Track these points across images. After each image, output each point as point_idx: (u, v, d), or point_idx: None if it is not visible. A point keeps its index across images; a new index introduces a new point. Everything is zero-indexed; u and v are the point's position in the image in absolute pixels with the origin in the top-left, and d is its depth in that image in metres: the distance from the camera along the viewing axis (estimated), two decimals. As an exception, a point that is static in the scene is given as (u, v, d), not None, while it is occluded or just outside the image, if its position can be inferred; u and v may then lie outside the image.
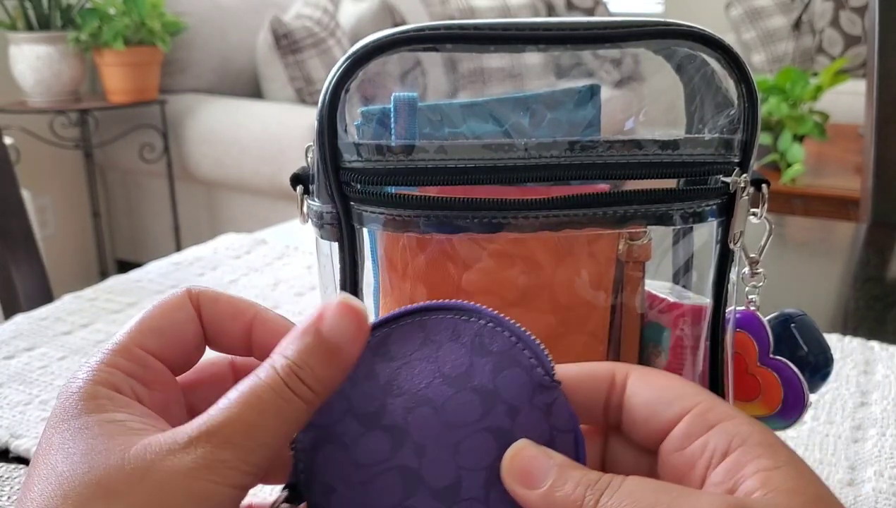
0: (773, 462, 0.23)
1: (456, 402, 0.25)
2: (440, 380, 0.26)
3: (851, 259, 0.93)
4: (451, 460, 0.25)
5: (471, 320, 0.26)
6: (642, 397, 0.26)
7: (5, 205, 0.89)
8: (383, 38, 0.32)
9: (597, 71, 2.94)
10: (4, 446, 0.50)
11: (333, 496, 0.25)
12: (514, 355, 0.26)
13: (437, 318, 0.27)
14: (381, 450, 0.25)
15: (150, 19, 2.11)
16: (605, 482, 0.24)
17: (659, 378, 0.26)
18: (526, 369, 0.26)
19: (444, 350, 0.26)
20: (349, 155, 0.32)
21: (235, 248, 0.85)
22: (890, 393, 0.57)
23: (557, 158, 0.32)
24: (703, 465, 0.24)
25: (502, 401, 0.25)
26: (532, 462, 0.25)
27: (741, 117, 0.34)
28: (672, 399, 0.25)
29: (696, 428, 0.25)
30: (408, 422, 0.25)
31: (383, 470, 0.25)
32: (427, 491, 0.25)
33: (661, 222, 0.33)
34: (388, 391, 0.26)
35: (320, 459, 0.26)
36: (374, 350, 0.27)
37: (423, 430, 0.25)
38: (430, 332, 0.27)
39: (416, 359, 0.26)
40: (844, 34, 3.46)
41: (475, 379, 0.26)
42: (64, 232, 2.44)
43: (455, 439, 0.25)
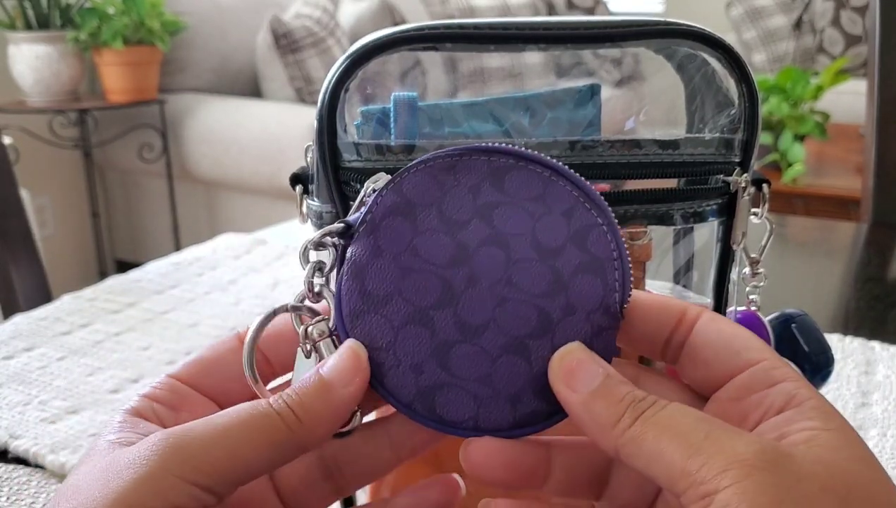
0: (823, 425, 0.23)
1: (529, 268, 0.26)
2: (529, 240, 0.26)
3: (852, 259, 0.93)
4: (490, 308, 0.25)
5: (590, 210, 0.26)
6: (709, 339, 0.25)
7: (4, 204, 0.89)
8: (383, 37, 0.31)
9: (597, 70, 2.94)
10: (3, 446, 0.50)
11: (377, 260, 0.26)
12: (604, 268, 0.26)
13: (559, 186, 0.26)
14: (441, 254, 0.26)
15: (150, 19, 2.11)
16: (648, 402, 0.23)
17: (729, 325, 0.26)
18: (606, 286, 0.26)
19: (550, 219, 0.26)
20: (349, 154, 0.32)
21: (235, 248, 0.85)
22: (891, 393, 0.57)
23: (558, 158, 0.32)
24: (757, 418, 0.24)
25: (566, 297, 0.26)
26: (582, 364, 0.25)
27: (742, 117, 0.34)
28: (739, 349, 0.25)
29: (758, 383, 0.24)
30: (479, 251, 0.26)
31: (431, 271, 0.26)
32: (453, 315, 0.25)
33: (662, 222, 0.33)
34: (481, 214, 0.26)
35: (387, 222, 0.26)
36: (494, 171, 0.26)
37: (485, 266, 0.26)
38: (549, 195, 0.26)
39: (523, 206, 0.26)
40: (845, 34, 3.45)
41: (559, 260, 0.26)
42: (63, 232, 2.44)
43: (506, 295, 0.26)
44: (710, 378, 0.25)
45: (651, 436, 0.22)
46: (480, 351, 0.25)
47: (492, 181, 0.26)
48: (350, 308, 0.26)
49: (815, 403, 0.23)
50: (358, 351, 0.26)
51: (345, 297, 0.26)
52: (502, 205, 0.26)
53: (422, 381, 0.26)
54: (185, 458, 0.23)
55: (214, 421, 0.24)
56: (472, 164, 0.26)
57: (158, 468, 0.23)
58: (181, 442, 0.23)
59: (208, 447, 0.23)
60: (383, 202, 0.26)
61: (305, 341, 0.26)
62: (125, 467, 0.23)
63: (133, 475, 0.23)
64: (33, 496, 0.45)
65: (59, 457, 0.48)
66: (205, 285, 0.76)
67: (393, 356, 0.26)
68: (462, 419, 0.26)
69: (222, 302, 0.72)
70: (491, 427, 0.26)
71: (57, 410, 0.54)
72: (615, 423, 0.23)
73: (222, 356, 0.28)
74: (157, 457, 0.23)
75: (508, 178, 0.26)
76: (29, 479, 0.47)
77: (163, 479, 0.22)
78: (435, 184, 0.26)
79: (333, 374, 0.25)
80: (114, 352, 0.62)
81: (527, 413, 0.26)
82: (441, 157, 0.26)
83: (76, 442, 0.50)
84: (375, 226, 0.26)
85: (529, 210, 0.26)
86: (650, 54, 0.36)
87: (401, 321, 0.26)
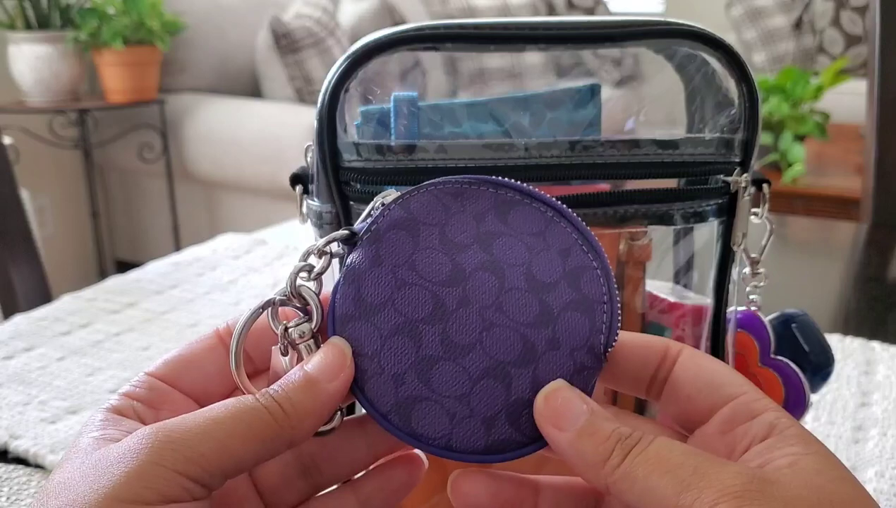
0: (804, 449, 0.23)
1: (520, 297, 0.26)
2: (524, 270, 0.26)
3: (852, 259, 0.93)
4: (478, 331, 0.26)
5: (587, 252, 0.27)
6: (690, 376, 0.26)
7: (4, 204, 0.89)
8: (383, 37, 0.31)
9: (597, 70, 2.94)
10: (3, 447, 0.50)
11: (375, 269, 0.26)
12: (594, 309, 0.26)
13: (560, 227, 0.27)
14: (437, 272, 0.26)
15: (150, 19, 2.11)
16: (635, 439, 0.24)
17: (709, 361, 0.27)
18: (593, 327, 0.26)
19: (547, 255, 0.27)
20: (349, 154, 0.32)
21: (235, 248, 0.85)
22: (891, 393, 0.57)
23: (558, 158, 0.32)
24: (743, 448, 0.24)
25: (553, 330, 0.26)
26: (566, 403, 0.25)
27: (742, 117, 0.34)
28: (720, 383, 0.26)
29: (741, 415, 0.25)
30: (474, 275, 0.26)
31: (425, 287, 0.26)
32: (440, 332, 0.26)
33: (662, 222, 0.33)
34: (482, 241, 0.27)
35: (390, 235, 0.26)
36: (500, 203, 0.27)
37: (478, 290, 0.26)
38: (549, 233, 0.27)
39: (524, 240, 0.27)
40: (845, 34, 3.45)
41: (550, 295, 0.26)
42: (63, 232, 2.44)
43: (495, 320, 0.26)
44: (693, 412, 0.26)
45: (641, 473, 0.23)
46: (462, 370, 0.26)
47: (496, 212, 0.27)
48: (342, 311, 0.26)
49: (794, 431, 0.24)
50: (343, 349, 0.26)
51: (339, 301, 0.26)
52: (504, 235, 0.27)
53: (401, 392, 0.26)
54: (177, 450, 0.23)
55: (204, 414, 0.24)
56: (480, 194, 0.27)
57: (149, 460, 0.23)
58: (172, 435, 0.23)
59: (199, 439, 0.23)
60: (390, 215, 0.27)
61: (283, 340, 0.26)
62: (115, 462, 0.23)
63: (124, 469, 0.22)
64: (33, 496, 0.45)
65: (59, 457, 0.48)
66: (205, 285, 0.76)
67: (377, 364, 0.26)
68: (435, 435, 0.26)
69: (222, 303, 0.72)
70: (463, 448, 0.26)
71: (57, 410, 0.54)
72: (604, 461, 0.24)
73: (201, 354, 0.28)
74: (147, 450, 0.23)
75: (513, 212, 0.27)
76: (29, 479, 0.47)
77: (154, 471, 0.22)
78: (441, 206, 0.27)
79: (318, 370, 0.25)
80: (113, 352, 0.62)
81: (500, 439, 0.26)
82: (451, 183, 0.27)
83: (76, 442, 0.50)
84: (379, 236, 0.26)
85: (529, 244, 0.27)
86: (650, 54, 0.36)
87: (389, 331, 0.26)
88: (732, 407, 0.25)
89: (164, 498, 0.22)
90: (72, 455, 0.24)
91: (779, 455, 0.23)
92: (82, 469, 0.23)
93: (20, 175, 1.01)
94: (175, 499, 0.23)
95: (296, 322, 0.26)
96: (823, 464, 0.23)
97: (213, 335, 0.28)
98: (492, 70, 2.74)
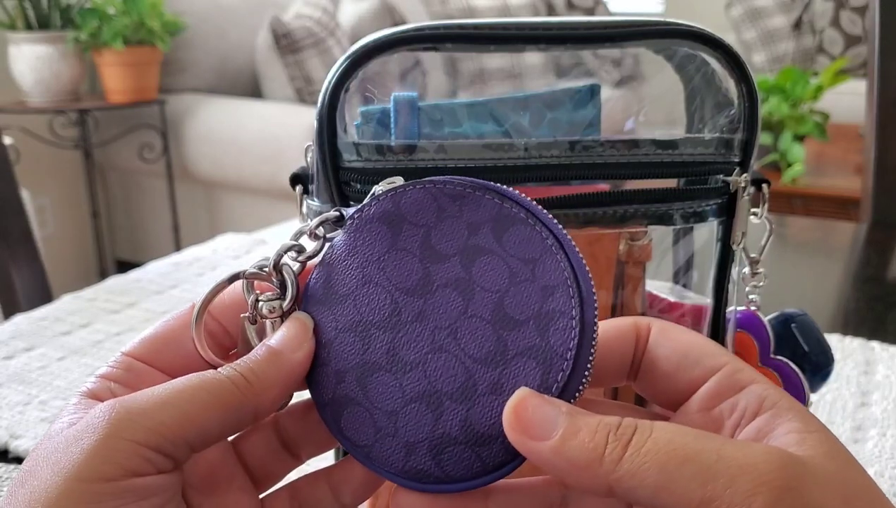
0: (805, 427, 0.22)
1: (477, 328, 0.24)
2: (495, 299, 0.24)
3: (852, 259, 0.93)
4: (424, 352, 0.25)
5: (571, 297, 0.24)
6: (665, 353, 0.25)
7: (5, 205, 0.89)
8: (383, 37, 0.32)
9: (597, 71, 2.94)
10: (4, 446, 0.50)
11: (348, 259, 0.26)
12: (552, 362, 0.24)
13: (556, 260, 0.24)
14: (403, 278, 0.25)
15: (150, 19, 2.11)
16: (630, 428, 0.21)
17: (682, 333, 0.25)
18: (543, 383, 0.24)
19: (529, 288, 0.24)
20: (349, 154, 0.32)
21: (235, 248, 0.85)
22: (890, 393, 0.57)
23: (558, 158, 0.32)
24: (732, 425, 0.23)
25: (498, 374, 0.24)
26: (537, 411, 0.22)
27: (741, 117, 0.34)
28: (698, 357, 0.24)
29: (726, 389, 0.23)
30: (440, 290, 0.25)
31: (387, 290, 0.25)
32: (389, 342, 0.25)
33: (662, 222, 0.33)
34: (465, 253, 0.25)
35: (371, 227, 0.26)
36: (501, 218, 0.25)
37: (438, 308, 0.25)
38: (542, 264, 0.24)
39: (509, 262, 0.25)
40: (845, 34, 3.45)
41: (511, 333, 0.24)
42: (63, 232, 2.44)
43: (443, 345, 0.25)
44: (673, 391, 0.25)
45: (652, 465, 0.20)
46: (399, 387, 0.25)
47: (494, 226, 0.25)
48: (313, 292, 0.26)
49: (787, 404, 0.23)
50: (306, 322, 0.26)
51: (312, 280, 0.26)
52: (491, 254, 0.25)
53: (339, 390, 0.25)
54: (135, 420, 0.22)
55: (165, 386, 0.24)
56: (483, 202, 0.25)
57: (108, 434, 0.22)
58: (130, 406, 0.23)
59: (157, 408, 0.23)
60: (378, 205, 0.26)
61: (253, 311, 0.26)
62: (74, 440, 0.22)
63: (83, 445, 0.22)
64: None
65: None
66: (205, 285, 0.76)
67: (326, 354, 0.26)
68: (359, 442, 0.25)
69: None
70: (381, 464, 0.25)
71: (57, 410, 0.54)
72: (600, 458, 0.21)
73: (177, 330, 0.27)
74: (105, 423, 0.22)
75: (511, 231, 0.25)
76: (29, 479, 0.47)
77: (114, 445, 0.22)
78: (435, 207, 0.25)
79: (281, 342, 0.25)
80: (114, 352, 0.62)
81: (416, 468, 0.24)
82: (455, 184, 0.25)
83: (76, 442, 0.50)
84: (360, 226, 0.26)
85: (514, 270, 0.25)
86: (650, 55, 0.36)
87: (344, 325, 0.26)
88: (716, 381, 0.24)
89: (126, 472, 0.22)
90: (42, 441, 0.24)
91: (780, 433, 0.22)
92: (45, 454, 0.23)
93: (21, 175, 1.01)
94: (138, 472, 0.22)
95: (267, 296, 0.26)
96: (830, 445, 0.22)
97: (189, 310, 0.28)
98: (492, 70, 2.74)
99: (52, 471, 0.22)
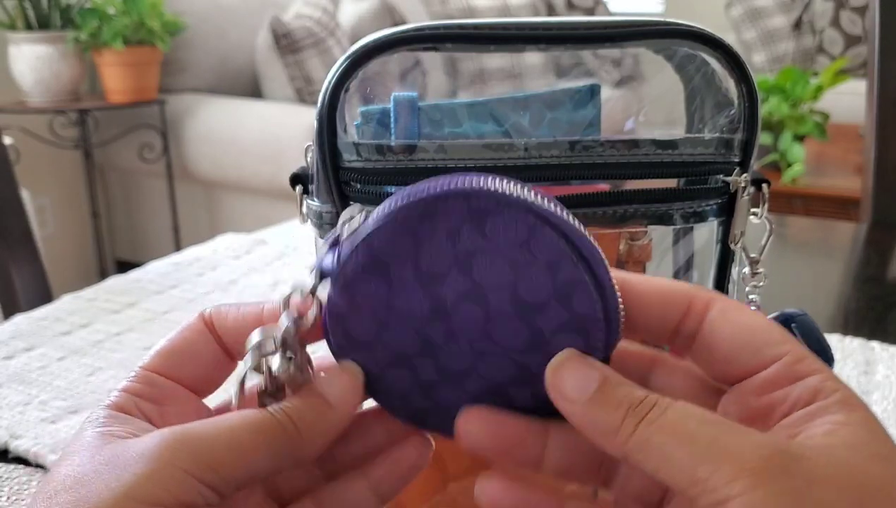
0: (845, 419, 0.22)
1: (508, 325, 0.25)
2: (510, 295, 0.24)
3: (852, 259, 0.93)
4: (470, 360, 0.26)
5: (577, 263, 0.24)
6: (724, 335, 0.24)
7: (5, 204, 0.89)
8: (383, 37, 0.32)
9: (597, 71, 2.94)
10: (4, 446, 0.50)
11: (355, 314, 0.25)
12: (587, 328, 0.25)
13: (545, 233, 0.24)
14: (418, 310, 0.25)
15: (150, 19, 2.11)
16: (648, 405, 0.23)
17: (744, 316, 0.25)
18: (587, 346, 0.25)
19: (534, 271, 0.24)
20: (349, 154, 0.32)
21: (235, 248, 0.85)
22: (891, 393, 0.57)
23: (558, 158, 0.32)
24: (782, 413, 0.23)
25: (546, 354, 0.25)
26: (575, 372, 0.24)
27: (741, 117, 0.34)
28: (760, 345, 0.24)
29: (784, 378, 0.23)
30: (456, 307, 0.25)
31: (409, 327, 0.25)
32: (434, 364, 0.26)
33: (662, 222, 0.33)
34: (460, 263, 0.24)
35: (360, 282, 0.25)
36: (474, 214, 0.24)
37: (464, 323, 0.25)
38: (534, 241, 0.24)
39: (506, 254, 0.24)
40: (845, 34, 3.46)
41: (540, 318, 0.25)
42: (63, 232, 2.44)
43: (485, 349, 0.25)
44: (730, 373, 0.25)
45: (657, 442, 0.22)
46: (463, 391, 0.26)
47: (472, 225, 0.24)
48: (335, 343, 0.26)
49: (840, 396, 0.23)
50: (356, 374, 0.26)
51: (330, 334, 0.26)
52: (483, 252, 0.24)
53: (410, 406, 0.27)
54: (194, 454, 0.23)
55: (220, 421, 0.24)
56: (450, 208, 0.24)
57: (167, 462, 0.23)
58: (189, 438, 0.23)
59: (215, 444, 0.23)
60: (356, 259, 0.25)
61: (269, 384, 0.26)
62: (132, 461, 0.23)
63: (142, 468, 0.22)
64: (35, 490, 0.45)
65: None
66: (205, 285, 0.76)
67: (383, 385, 0.27)
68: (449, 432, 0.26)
69: (223, 302, 0.72)
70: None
71: (57, 410, 0.54)
72: (617, 430, 0.23)
73: (192, 342, 0.28)
74: (167, 452, 0.23)
75: (490, 222, 0.24)
76: (29, 479, 0.47)
77: (171, 474, 0.22)
78: (408, 235, 0.24)
79: (336, 395, 0.26)
80: (114, 352, 0.62)
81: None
82: (415, 203, 0.24)
83: (77, 442, 0.50)
84: (349, 283, 0.25)
85: (512, 259, 0.24)
86: (650, 55, 0.36)
87: (384, 363, 0.26)
88: (776, 369, 0.24)
89: (179, 502, 0.22)
90: (78, 449, 0.24)
91: (817, 423, 0.22)
92: (95, 465, 0.23)
93: (21, 175, 1.01)
94: (190, 504, 0.23)
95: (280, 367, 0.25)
96: (861, 437, 0.21)
97: (199, 320, 0.28)
98: (492, 70, 2.74)
99: (107, 486, 0.22)
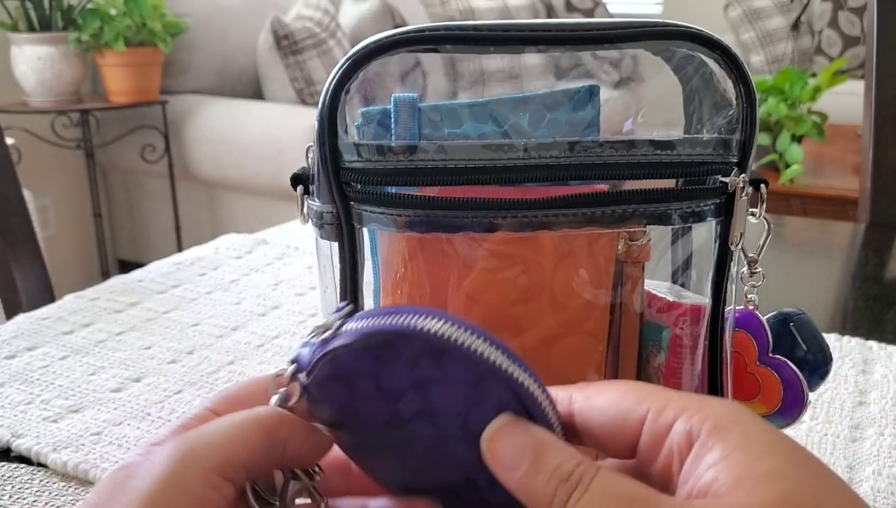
0: (722, 452, 0.22)
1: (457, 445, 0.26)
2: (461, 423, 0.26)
3: (850, 259, 0.93)
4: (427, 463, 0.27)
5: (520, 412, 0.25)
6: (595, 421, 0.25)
7: (7, 205, 0.90)
8: (383, 38, 0.32)
9: (596, 72, 2.95)
10: (6, 445, 0.50)
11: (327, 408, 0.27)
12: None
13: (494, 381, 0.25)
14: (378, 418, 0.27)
15: (151, 20, 2.11)
16: (578, 476, 0.23)
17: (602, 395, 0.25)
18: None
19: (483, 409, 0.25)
20: (349, 155, 0.33)
21: (236, 248, 0.86)
22: (888, 392, 0.58)
23: (557, 158, 0.32)
24: (675, 473, 0.23)
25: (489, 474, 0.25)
26: (510, 440, 0.24)
27: (739, 117, 0.34)
28: (623, 414, 0.24)
29: (657, 435, 0.23)
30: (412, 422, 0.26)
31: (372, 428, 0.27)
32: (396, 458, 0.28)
33: (660, 222, 0.33)
34: (417, 385, 0.25)
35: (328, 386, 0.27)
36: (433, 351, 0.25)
37: (418, 435, 0.27)
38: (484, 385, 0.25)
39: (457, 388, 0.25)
40: (843, 35, 3.46)
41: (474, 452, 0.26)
42: (65, 232, 2.44)
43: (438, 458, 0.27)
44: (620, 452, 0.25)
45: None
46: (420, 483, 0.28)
47: (430, 359, 0.25)
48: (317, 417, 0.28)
49: (709, 427, 0.23)
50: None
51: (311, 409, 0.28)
52: (439, 382, 0.25)
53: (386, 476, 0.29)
54: (202, 451, 0.24)
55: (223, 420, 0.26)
56: (413, 342, 0.25)
57: (179, 464, 0.24)
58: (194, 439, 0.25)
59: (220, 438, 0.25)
60: (321, 367, 0.26)
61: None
62: (145, 475, 0.24)
63: (155, 476, 0.24)
64: (35, 494, 0.46)
65: (62, 456, 0.48)
66: (207, 285, 0.76)
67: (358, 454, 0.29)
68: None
69: (224, 302, 0.72)
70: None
71: (59, 409, 0.54)
72: (551, 501, 0.23)
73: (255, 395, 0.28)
74: (178, 456, 0.24)
75: (447, 360, 0.25)
76: (31, 478, 0.47)
77: (184, 474, 0.24)
78: (371, 357, 0.26)
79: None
80: (116, 352, 0.63)
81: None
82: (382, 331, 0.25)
83: (78, 441, 0.50)
84: (317, 382, 0.27)
85: (465, 393, 0.25)
86: (648, 56, 0.36)
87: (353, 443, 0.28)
88: (647, 430, 0.24)
89: (196, 498, 0.24)
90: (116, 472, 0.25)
91: (701, 471, 0.22)
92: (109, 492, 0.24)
93: (23, 175, 1.02)
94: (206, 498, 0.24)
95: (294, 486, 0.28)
96: (742, 467, 0.21)
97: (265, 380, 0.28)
98: (491, 71, 2.75)
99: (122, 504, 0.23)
